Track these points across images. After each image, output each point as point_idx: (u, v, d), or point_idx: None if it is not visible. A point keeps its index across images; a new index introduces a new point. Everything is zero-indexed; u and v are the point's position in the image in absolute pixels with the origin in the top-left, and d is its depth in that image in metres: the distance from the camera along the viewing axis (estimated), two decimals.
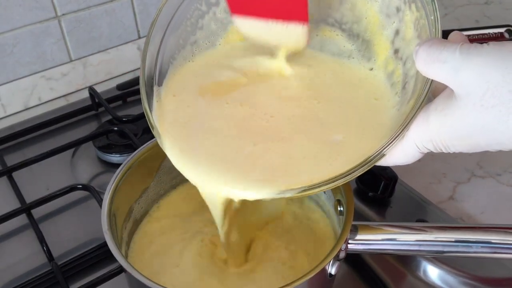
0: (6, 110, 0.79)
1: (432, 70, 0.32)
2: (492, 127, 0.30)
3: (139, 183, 0.51)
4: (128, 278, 0.43)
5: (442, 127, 0.32)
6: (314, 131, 0.39)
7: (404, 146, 0.35)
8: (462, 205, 0.60)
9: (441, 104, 0.33)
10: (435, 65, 0.31)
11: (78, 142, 0.68)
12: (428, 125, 0.33)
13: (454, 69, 0.30)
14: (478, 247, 0.42)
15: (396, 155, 0.36)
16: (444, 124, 0.32)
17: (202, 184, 0.38)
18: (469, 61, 0.30)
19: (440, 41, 0.32)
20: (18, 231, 0.60)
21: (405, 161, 0.36)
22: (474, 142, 0.32)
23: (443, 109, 0.32)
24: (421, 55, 0.32)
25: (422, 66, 0.32)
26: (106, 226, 0.43)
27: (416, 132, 0.34)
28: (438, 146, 0.33)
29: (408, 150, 0.35)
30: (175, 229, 0.49)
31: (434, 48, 0.31)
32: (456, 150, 0.33)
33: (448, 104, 0.32)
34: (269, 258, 0.46)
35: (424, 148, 0.34)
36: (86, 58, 0.83)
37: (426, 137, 0.34)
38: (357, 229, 0.44)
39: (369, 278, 0.53)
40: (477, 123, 0.30)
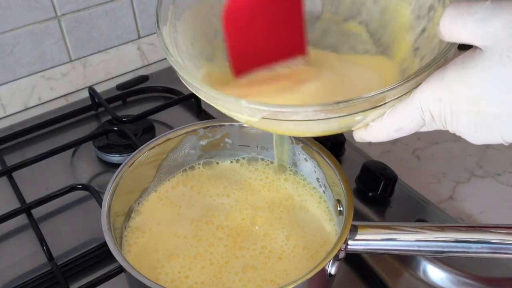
0: (6, 110, 0.79)
1: (459, 24, 0.30)
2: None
3: (138, 183, 0.51)
4: (128, 278, 0.43)
5: (458, 82, 0.31)
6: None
7: (407, 104, 0.34)
8: (462, 205, 0.61)
9: (462, 58, 0.31)
10: (464, 18, 0.30)
11: (78, 142, 0.68)
12: (442, 80, 0.32)
13: (484, 19, 0.29)
14: (478, 247, 0.42)
15: (396, 115, 0.35)
16: (461, 78, 0.31)
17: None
18: (500, 10, 0.29)
19: (467, 1, 0.31)
20: (18, 231, 0.60)
21: (402, 125, 0.35)
22: (485, 111, 0.30)
23: (463, 62, 0.31)
24: (449, 11, 0.31)
25: (449, 23, 0.31)
26: (106, 226, 0.43)
27: (426, 88, 0.33)
28: (444, 111, 0.32)
29: (410, 111, 0.34)
30: (175, 228, 0.49)
31: (464, 4, 0.31)
32: (459, 123, 0.32)
33: (470, 57, 0.31)
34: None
35: (427, 110, 0.33)
36: (86, 58, 0.83)
37: (436, 95, 0.32)
38: (356, 229, 0.44)
39: (369, 278, 0.53)
40: (499, 77, 0.29)
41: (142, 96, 0.82)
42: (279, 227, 0.48)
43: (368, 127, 0.38)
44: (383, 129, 0.36)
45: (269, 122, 0.36)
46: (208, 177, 0.54)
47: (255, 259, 0.46)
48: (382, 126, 0.36)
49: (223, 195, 0.52)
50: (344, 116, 0.34)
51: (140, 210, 0.51)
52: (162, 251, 0.47)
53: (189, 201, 0.51)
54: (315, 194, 0.52)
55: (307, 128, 0.38)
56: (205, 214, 0.50)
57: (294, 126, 0.37)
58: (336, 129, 0.38)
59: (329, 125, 0.36)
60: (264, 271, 0.45)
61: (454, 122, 0.32)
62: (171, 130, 0.52)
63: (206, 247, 0.47)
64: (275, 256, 0.46)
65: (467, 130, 0.32)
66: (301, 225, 0.48)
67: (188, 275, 0.45)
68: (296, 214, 0.50)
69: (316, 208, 0.51)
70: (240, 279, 0.44)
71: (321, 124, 0.36)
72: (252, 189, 0.52)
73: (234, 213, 0.50)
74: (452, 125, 0.33)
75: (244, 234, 0.48)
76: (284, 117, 0.35)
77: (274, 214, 0.50)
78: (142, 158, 0.50)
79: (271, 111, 0.34)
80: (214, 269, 0.45)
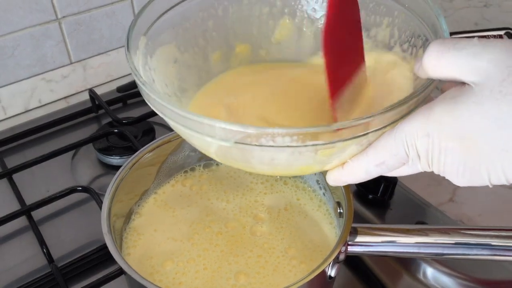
0: (6, 112, 0.79)
1: (446, 59, 0.30)
2: (506, 123, 0.28)
3: (139, 185, 0.51)
4: (128, 280, 0.43)
5: (448, 116, 0.30)
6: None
7: (391, 136, 0.32)
8: (461, 207, 0.60)
9: (451, 93, 0.30)
10: (450, 53, 0.30)
11: (78, 144, 0.68)
12: (430, 114, 0.31)
13: (473, 54, 0.29)
14: (477, 250, 0.42)
15: (378, 146, 0.33)
16: (451, 112, 0.30)
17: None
18: (489, 47, 0.29)
19: (452, 37, 0.30)
20: (18, 233, 0.60)
21: (384, 159, 0.33)
22: (476, 147, 0.29)
23: (453, 97, 0.30)
24: (434, 47, 0.30)
25: (434, 58, 0.30)
26: (106, 228, 0.43)
27: (413, 123, 0.31)
28: (432, 147, 0.31)
29: (394, 143, 0.32)
30: (174, 231, 0.49)
31: (449, 40, 0.30)
32: (446, 162, 0.31)
33: (460, 92, 0.30)
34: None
35: (413, 146, 0.32)
36: (86, 61, 0.83)
37: (424, 130, 0.31)
38: (356, 231, 0.44)
39: (368, 281, 0.53)
40: (491, 112, 0.28)
41: (142, 98, 0.81)
42: (279, 238, 0.48)
43: (345, 165, 0.36)
44: (362, 164, 0.35)
45: (241, 151, 0.34)
46: (208, 179, 0.54)
47: (249, 267, 0.45)
48: (361, 161, 0.35)
49: (223, 200, 0.52)
50: (321, 145, 0.32)
51: (140, 212, 0.51)
52: (160, 253, 0.47)
53: (188, 203, 0.51)
54: (315, 197, 0.52)
55: (279, 162, 0.35)
56: (204, 219, 0.50)
57: (267, 157, 0.35)
58: (311, 163, 0.35)
59: (305, 157, 0.34)
60: (256, 280, 0.44)
61: (441, 160, 0.31)
62: (171, 132, 0.52)
63: (200, 251, 0.47)
64: (270, 267, 0.45)
65: (454, 170, 0.31)
66: (301, 236, 0.48)
67: (182, 281, 0.44)
68: (296, 222, 0.50)
69: (316, 211, 0.51)
70: (231, 285, 0.44)
71: (295, 155, 0.34)
72: (252, 193, 0.52)
73: (234, 220, 0.50)
74: (439, 163, 0.31)
75: (242, 241, 0.48)
76: (257, 141, 0.32)
77: (275, 223, 0.49)
78: (142, 160, 0.50)
79: (246, 132, 0.31)
80: (207, 274, 0.45)
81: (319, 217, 0.50)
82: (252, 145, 0.32)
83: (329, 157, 0.35)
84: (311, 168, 0.37)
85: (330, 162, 0.36)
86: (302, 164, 0.36)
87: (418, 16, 0.41)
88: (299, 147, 0.32)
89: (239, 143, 0.32)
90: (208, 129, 0.33)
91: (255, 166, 0.37)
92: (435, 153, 0.31)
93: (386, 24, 0.44)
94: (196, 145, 0.38)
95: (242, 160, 0.37)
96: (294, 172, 0.39)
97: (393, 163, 0.34)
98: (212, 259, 0.46)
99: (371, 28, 0.45)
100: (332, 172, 0.37)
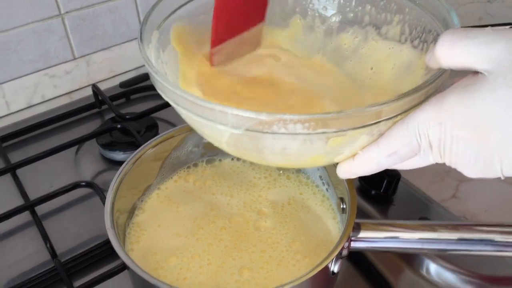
0: (9, 108, 0.79)
1: (459, 48, 0.30)
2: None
3: (142, 181, 0.51)
4: (132, 274, 0.43)
5: (461, 105, 0.30)
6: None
7: (403, 125, 0.32)
8: (465, 203, 0.60)
9: (464, 82, 0.30)
10: (463, 42, 0.29)
11: (82, 140, 0.69)
12: (442, 103, 0.31)
13: (485, 43, 0.29)
14: (481, 245, 0.42)
15: (390, 136, 0.33)
16: (464, 101, 0.30)
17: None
18: (502, 35, 0.29)
19: (464, 27, 0.30)
20: (22, 228, 0.60)
21: (396, 149, 0.33)
22: (488, 136, 0.29)
23: (466, 85, 0.30)
24: (446, 36, 0.30)
25: (447, 47, 0.30)
26: (109, 224, 0.43)
27: (425, 112, 0.31)
28: (444, 136, 0.31)
29: (406, 133, 0.32)
30: (177, 226, 0.49)
31: (461, 30, 0.30)
32: (458, 151, 0.31)
33: (473, 81, 0.30)
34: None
35: (425, 135, 0.31)
36: (90, 56, 0.83)
37: (436, 119, 0.31)
38: (359, 227, 0.44)
39: (371, 276, 0.53)
40: (505, 100, 0.28)
41: (146, 93, 0.82)
42: (282, 232, 0.48)
43: (356, 157, 0.36)
44: (373, 155, 0.34)
45: (253, 138, 0.34)
46: (211, 175, 0.54)
47: (253, 262, 0.45)
48: (373, 152, 0.34)
49: (227, 195, 0.52)
50: (333, 133, 0.32)
51: (143, 207, 0.51)
52: (164, 249, 0.47)
53: (192, 199, 0.51)
54: (318, 192, 0.52)
55: (291, 151, 0.35)
56: (208, 214, 0.50)
57: (279, 146, 0.34)
58: (323, 153, 0.35)
59: (316, 147, 0.34)
60: (260, 275, 0.44)
61: (453, 149, 0.31)
62: (174, 128, 0.52)
63: (205, 246, 0.47)
64: (274, 261, 0.45)
65: (466, 160, 0.31)
66: (304, 230, 0.48)
67: (187, 276, 0.44)
68: (299, 217, 0.50)
69: (319, 206, 0.51)
70: (235, 281, 0.44)
71: (307, 144, 0.34)
72: (256, 189, 0.52)
73: (238, 215, 0.50)
74: (451, 153, 0.31)
75: (246, 236, 0.48)
76: (269, 129, 0.32)
77: (279, 218, 0.49)
78: (145, 155, 0.50)
79: (259, 118, 0.31)
80: (211, 269, 0.45)
81: (322, 212, 0.50)
82: (263, 132, 0.32)
83: (340, 146, 0.35)
84: (322, 159, 0.37)
85: (340, 153, 0.36)
86: (313, 154, 0.35)
87: (429, 11, 0.41)
88: (310, 135, 0.32)
89: (251, 131, 0.32)
90: (220, 116, 0.32)
91: (266, 157, 0.37)
92: (447, 142, 0.31)
93: (397, 21, 0.44)
94: (208, 134, 0.38)
95: (254, 149, 0.36)
96: (305, 162, 0.38)
97: (405, 153, 0.33)
98: (216, 254, 0.46)
99: (382, 26, 0.45)
100: (343, 164, 0.37)
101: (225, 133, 0.35)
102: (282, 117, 0.31)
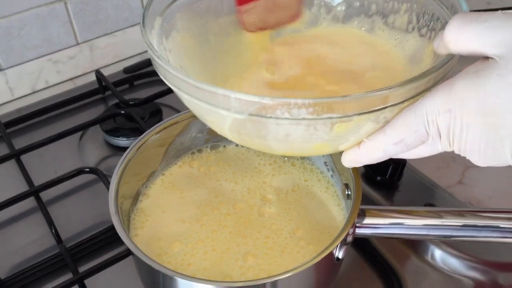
0: (13, 94, 0.79)
1: (469, 32, 0.29)
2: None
3: (146, 167, 0.51)
4: (136, 260, 0.43)
5: (471, 91, 0.29)
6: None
7: (411, 113, 0.32)
8: (471, 190, 0.60)
9: (473, 67, 0.30)
10: (473, 26, 0.29)
11: (86, 126, 0.68)
12: (452, 90, 0.30)
13: (495, 27, 0.28)
14: (486, 232, 0.42)
15: (397, 124, 0.32)
16: (474, 87, 0.29)
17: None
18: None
19: (473, 12, 0.30)
20: (27, 214, 0.60)
21: (403, 137, 0.32)
22: (499, 123, 0.29)
23: (476, 71, 0.29)
24: (455, 20, 0.29)
25: (456, 32, 0.29)
26: (113, 209, 0.43)
27: (434, 98, 0.30)
28: (454, 124, 0.30)
29: (414, 120, 0.31)
30: (181, 212, 0.49)
31: (471, 14, 0.29)
32: (468, 139, 0.30)
33: (483, 66, 0.29)
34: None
35: (434, 123, 0.31)
36: (93, 41, 0.82)
37: (445, 105, 0.30)
38: (364, 213, 0.44)
39: (376, 262, 0.53)
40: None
41: (149, 79, 0.81)
42: (286, 219, 0.48)
43: (361, 144, 0.35)
44: (380, 143, 0.34)
45: (256, 123, 0.33)
46: (216, 161, 0.54)
47: (258, 248, 0.45)
48: (379, 140, 0.34)
49: (232, 181, 0.52)
50: (338, 118, 0.32)
51: (147, 193, 0.51)
52: (169, 235, 0.47)
53: (196, 185, 0.51)
54: (323, 179, 0.52)
55: (295, 138, 0.35)
56: (212, 200, 0.50)
57: (282, 133, 0.34)
58: (327, 140, 0.35)
59: (320, 133, 0.33)
60: (264, 261, 0.44)
61: (463, 137, 0.30)
62: (178, 114, 0.52)
63: (209, 232, 0.47)
64: (278, 248, 0.45)
65: (476, 148, 0.30)
66: (309, 217, 0.48)
67: (191, 262, 0.45)
68: (304, 203, 0.49)
69: (323, 193, 0.50)
70: (240, 267, 0.44)
71: (311, 131, 0.33)
72: (260, 175, 0.52)
73: (242, 201, 0.50)
74: (460, 140, 0.31)
75: (250, 223, 0.48)
76: (273, 113, 0.31)
77: (283, 204, 0.49)
78: (149, 141, 0.50)
79: (262, 102, 0.31)
80: (216, 255, 0.45)
81: (327, 198, 0.50)
82: (267, 117, 0.32)
83: (345, 133, 0.34)
84: (326, 147, 0.37)
85: (345, 141, 0.35)
86: (317, 141, 0.35)
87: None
88: (314, 120, 0.31)
89: (254, 115, 0.32)
90: (223, 100, 0.32)
91: (270, 144, 0.37)
92: (456, 129, 0.30)
93: (404, 10, 0.43)
94: (210, 121, 0.38)
95: (257, 136, 0.36)
96: (309, 150, 0.38)
97: (412, 141, 0.33)
98: (220, 240, 0.46)
99: (389, 15, 0.44)
100: (348, 153, 0.37)
101: (228, 118, 0.34)
102: (286, 101, 0.31)
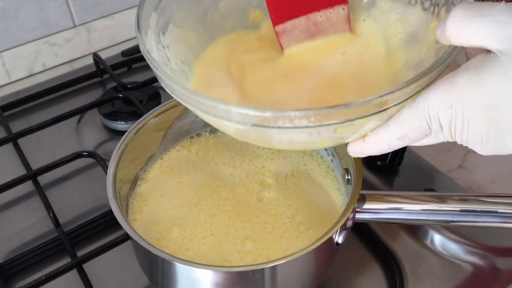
0: (10, 76, 0.78)
1: (470, 27, 0.28)
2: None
3: (144, 151, 0.51)
4: (134, 245, 0.43)
5: (472, 87, 0.29)
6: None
7: (413, 109, 0.32)
8: (471, 174, 0.60)
9: (475, 62, 0.29)
10: (476, 19, 0.28)
11: (83, 109, 0.68)
12: (453, 85, 0.30)
13: (499, 22, 0.28)
14: (486, 217, 0.42)
15: (400, 120, 0.33)
16: (475, 82, 0.29)
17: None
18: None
19: (477, 2, 0.29)
20: (24, 198, 0.60)
21: (406, 132, 0.33)
22: (500, 118, 0.29)
23: (477, 66, 0.29)
24: (457, 12, 0.29)
25: (458, 25, 0.29)
26: (111, 194, 0.43)
27: (435, 94, 0.30)
28: (455, 118, 0.30)
29: (416, 116, 0.32)
30: (180, 196, 0.49)
31: (473, 5, 0.29)
32: (469, 132, 0.30)
33: (485, 61, 0.29)
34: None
35: (436, 118, 0.31)
36: (90, 24, 0.81)
37: (446, 101, 0.30)
38: (364, 198, 0.43)
39: (375, 247, 0.53)
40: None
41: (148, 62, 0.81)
42: (286, 204, 0.48)
43: (366, 138, 0.35)
44: (383, 138, 0.34)
45: (259, 131, 0.34)
46: (214, 145, 0.54)
47: (256, 233, 0.45)
48: (382, 135, 0.34)
49: (230, 165, 0.51)
50: (340, 124, 0.32)
51: (145, 177, 0.50)
52: (167, 219, 0.47)
53: (194, 169, 0.51)
54: (323, 163, 0.51)
55: (298, 141, 0.35)
56: (211, 184, 0.49)
57: (286, 138, 0.35)
58: (331, 140, 0.35)
59: (324, 136, 0.34)
60: (263, 246, 0.44)
61: (464, 130, 0.30)
62: None
63: (208, 217, 0.47)
64: (278, 233, 0.45)
65: (478, 140, 0.30)
66: (308, 202, 0.48)
67: (189, 247, 0.44)
68: (303, 188, 0.49)
69: (323, 177, 0.50)
70: (238, 252, 0.44)
71: (314, 136, 0.33)
72: (259, 160, 0.52)
73: (241, 186, 0.49)
74: (462, 134, 0.31)
75: (249, 207, 0.47)
76: (275, 123, 0.32)
77: (282, 189, 0.49)
78: (147, 125, 0.49)
79: (262, 116, 0.31)
80: (214, 240, 0.45)
81: (327, 183, 0.50)
82: (269, 127, 0.32)
83: (348, 133, 0.34)
84: (330, 144, 0.37)
85: (349, 137, 0.36)
86: (321, 141, 0.35)
87: None
88: (317, 127, 0.32)
89: (257, 126, 0.32)
90: (224, 113, 0.33)
91: (274, 145, 0.38)
92: (458, 124, 0.30)
93: None
94: (215, 126, 0.38)
95: (262, 140, 0.37)
96: (314, 147, 0.39)
97: (415, 136, 0.33)
98: (219, 225, 0.46)
99: None
100: (353, 145, 0.37)
101: (231, 127, 0.35)
102: (287, 114, 0.31)
